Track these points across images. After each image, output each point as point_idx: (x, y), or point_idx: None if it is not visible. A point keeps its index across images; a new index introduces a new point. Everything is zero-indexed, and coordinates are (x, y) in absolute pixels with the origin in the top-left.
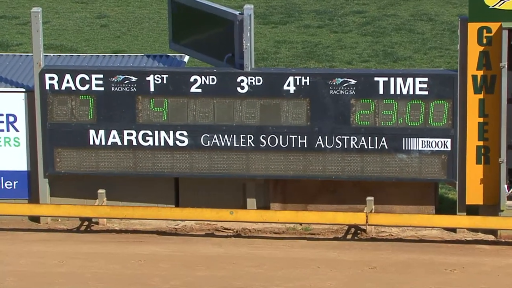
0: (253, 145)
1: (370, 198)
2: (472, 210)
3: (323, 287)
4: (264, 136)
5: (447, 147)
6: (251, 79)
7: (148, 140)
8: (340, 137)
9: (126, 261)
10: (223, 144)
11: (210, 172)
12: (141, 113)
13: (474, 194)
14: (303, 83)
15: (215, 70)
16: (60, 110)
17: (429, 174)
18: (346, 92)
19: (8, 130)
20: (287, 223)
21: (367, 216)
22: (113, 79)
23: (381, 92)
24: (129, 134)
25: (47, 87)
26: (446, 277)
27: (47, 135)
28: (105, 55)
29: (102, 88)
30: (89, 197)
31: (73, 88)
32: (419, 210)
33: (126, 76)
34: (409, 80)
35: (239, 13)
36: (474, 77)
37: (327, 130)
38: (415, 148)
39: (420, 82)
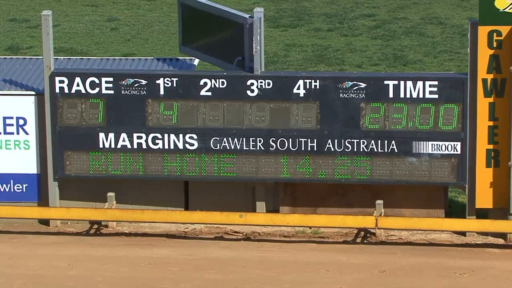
0: (262, 148)
1: (379, 202)
2: (482, 214)
3: None
4: (274, 139)
5: (456, 151)
6: (261, 82)
7: (157, 143)
8: (349, 140)
9: (135, 264)
10: (232, 147)
11: (220, 176)
12: (151, 116)
13: (484, 198)
14: (313, 87)
15: (225, 73)
16: (70, 113)
17: (439, 177)
18: (356, 95)
19: (18, 133)
20: (297, 226)
21: (376, 220)
22: (123, 82)
23: (391, 95)
24: (139, 137)
25: (57, 90)
26: (455, 280)
27: (57, 138)
28: (115, 58)
29: (112, 91)
30: (99, 200)
31: (83, 91)
32: (428, 213)
33: (136, 79)
34: (419, 83)
35: (249, 17)
36: (484, 81)
37: (337, 134)
38: (424, 152)
39: (430, 86)
